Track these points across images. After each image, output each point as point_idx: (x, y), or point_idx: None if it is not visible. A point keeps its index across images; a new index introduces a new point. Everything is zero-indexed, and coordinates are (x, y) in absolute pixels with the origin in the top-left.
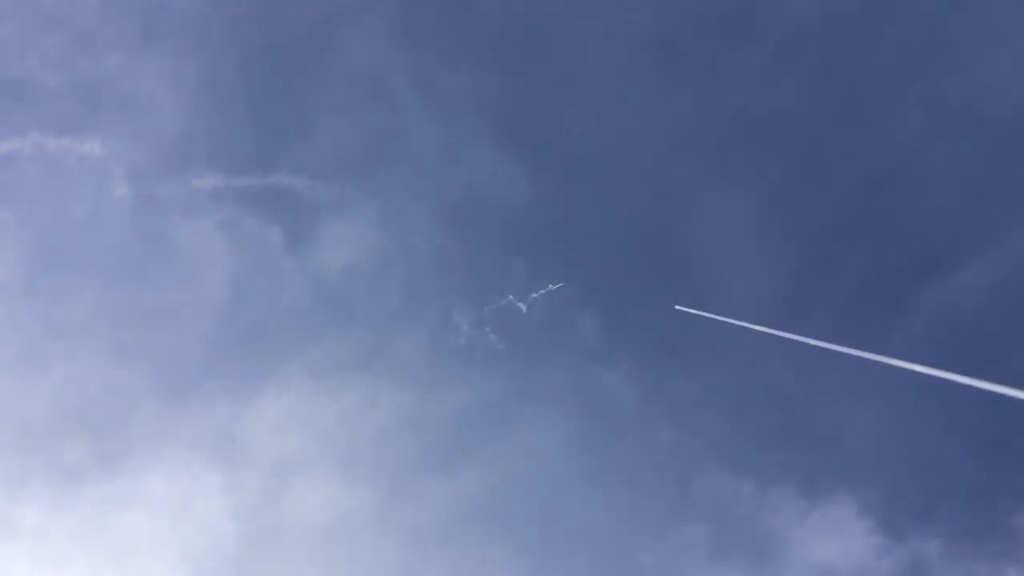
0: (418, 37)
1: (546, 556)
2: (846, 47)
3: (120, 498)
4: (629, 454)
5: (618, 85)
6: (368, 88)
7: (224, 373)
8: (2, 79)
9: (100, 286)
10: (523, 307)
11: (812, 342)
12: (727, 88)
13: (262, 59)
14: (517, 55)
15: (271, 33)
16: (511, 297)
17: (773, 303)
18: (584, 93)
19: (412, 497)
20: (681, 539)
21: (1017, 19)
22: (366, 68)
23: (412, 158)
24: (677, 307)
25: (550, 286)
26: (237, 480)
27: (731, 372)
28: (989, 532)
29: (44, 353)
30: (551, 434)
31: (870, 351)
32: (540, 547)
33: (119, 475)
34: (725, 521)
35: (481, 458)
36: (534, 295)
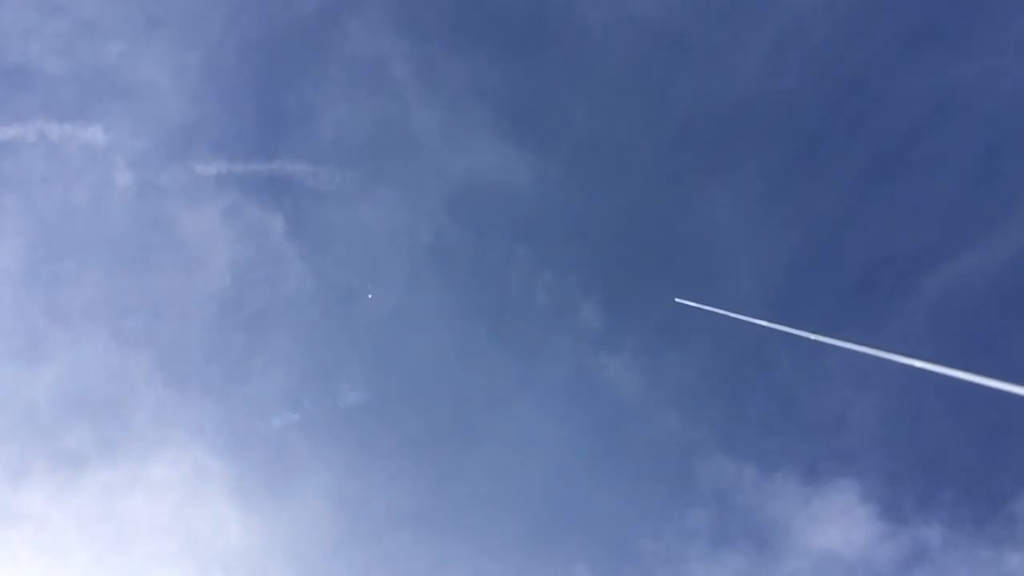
0: (420, 24)
1: (548, 543)
2: (846, 34)
3: (122, 485)
4: (631, 442)
5: (618, 73)
6: (370, 75)
7: (226, 359)
8: (5, 66)
9: (102, 273)
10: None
11: (812, 336)
12: (727, 77)
13: (264, 46)
14: (519, 43)
15: (273, 20)
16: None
17: (773, 295)
18: (584, 82)
19: (411, 486)
20: (683, 525)
21: (1018, 7)
22: (368, 55)
23: (414, 146)
24: (677, 300)
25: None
26: (239, 466)
27: (732, 361)
28: (990, 517)
29: (47, 340)
30: (553, 422)
31: (869, 345)
32: (543, 534)
33: (121, 462)
34: (727, 507)
35: (483, 447)
36: None
